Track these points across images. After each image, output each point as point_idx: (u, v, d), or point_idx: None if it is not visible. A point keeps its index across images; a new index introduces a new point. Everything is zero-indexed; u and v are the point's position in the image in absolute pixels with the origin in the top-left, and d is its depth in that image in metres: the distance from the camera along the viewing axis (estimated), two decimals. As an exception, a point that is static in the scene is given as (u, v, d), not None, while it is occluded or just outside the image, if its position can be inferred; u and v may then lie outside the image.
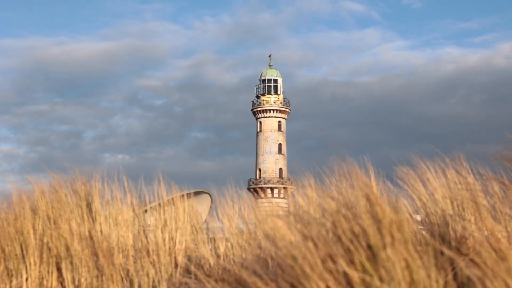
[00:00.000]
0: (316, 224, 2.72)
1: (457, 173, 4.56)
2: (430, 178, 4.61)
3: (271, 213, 3.63)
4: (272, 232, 2.86)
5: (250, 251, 4.56)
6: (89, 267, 5.08)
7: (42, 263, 5.24)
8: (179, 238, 5.22)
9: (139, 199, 5.77)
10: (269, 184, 73.04)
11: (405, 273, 2.62)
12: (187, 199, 5.70)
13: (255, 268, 3.06)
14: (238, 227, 5.17)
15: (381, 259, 2.57)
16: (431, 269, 2.79)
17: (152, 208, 5.69)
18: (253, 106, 76.42)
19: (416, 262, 2.66)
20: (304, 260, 2.53)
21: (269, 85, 76.46)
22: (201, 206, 24.67)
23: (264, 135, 74.86)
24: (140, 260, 5.02)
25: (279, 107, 75.42)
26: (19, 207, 5.75)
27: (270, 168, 73.91)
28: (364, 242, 2.58)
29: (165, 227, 5.29)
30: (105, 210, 5.69)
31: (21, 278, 5.20)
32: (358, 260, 2.58)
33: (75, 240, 5.26)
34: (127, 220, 5.49)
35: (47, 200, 5.85)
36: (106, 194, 5.78)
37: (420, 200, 4.61)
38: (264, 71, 77.57)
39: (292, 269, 2.61)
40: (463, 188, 4.47)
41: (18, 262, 5.27)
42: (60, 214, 5.68)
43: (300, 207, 3.44)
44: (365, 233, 2.58)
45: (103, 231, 5.47)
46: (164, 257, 5.04)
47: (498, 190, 4.23)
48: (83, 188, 5.90)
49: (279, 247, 2.77)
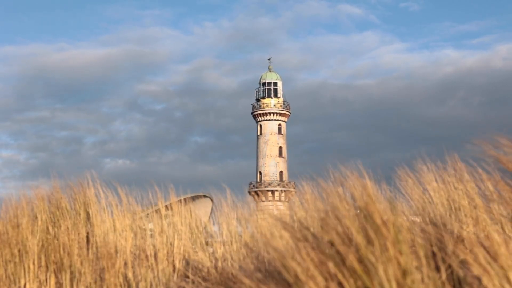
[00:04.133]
0: (305, 229, 2.75)
1: (454, 175, 4.59)
2: (428, 180, 4.63)
3: (269, 218, 3.65)
4: (265, 238, 2.88)
5: (247, 255, 4.58)
6: (87, 272, 5.10)
7: (41, 269, 5.26)
8: (177, 242, 5.23)
9: (138, 204, 5.79)
10: (269, 187, 73.00)
11: (398, 273, 2.64)
12: (186, 203, 5.72)
13: (252, 272, 3.08)
14: (236, 230, 5.19)
15: (368, 260, 2.59)
16: (425, 269, 2.81)
17: (151, 213, 5.71)
18: (253, 109, 76.42)
19: (410, 263, 2.68)
20: (296, 264, 2.55)
21: (269, 88, 76.46)
22: (202, 210, 24.68)
23: (264, 138, 74.86)
24: (138, 264, 5.03)
25: (279, 110, 75.41)
26: (19, 213, 5.77)
27: (271, 171, 73.89)
28: (353, 244, 2.60)
29: (163, 232, 5.30)
30: (104, 215, 5.71)
31: (19, 283, 5.22)
32: (349, 263, 2.60)
33: (74, 245, 5.28)
34: (125, 225, 5.51)
35: (47, 206, 5.88)
36: (105, 200, 5.81)
37: (418, 202, 4.63)
38: (264, 75, 77.59)
39: (286, 273, 2.63)
40: (460, 189, 4.49)
41: (17, 268, 5.29)
42: (59, 220, 5.70)
43: (295, 213, 3.46)
44: (351, 234, 2.60)
45: (102, 237, 5.49)
46: (162, 262, 5.06)
47: (494, 190, 4.25)
48: (82, 194, 5.92)
49: (272, 251, 2.80)
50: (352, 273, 2.58)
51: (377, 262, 2.54)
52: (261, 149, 74.97)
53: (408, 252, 2.82)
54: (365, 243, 2.58)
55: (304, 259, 2.56)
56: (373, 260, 2.54)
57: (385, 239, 2.66)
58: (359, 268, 2.55)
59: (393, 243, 2.66)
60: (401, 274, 2.62)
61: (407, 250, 2.81)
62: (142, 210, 5.77)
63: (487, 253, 2.84)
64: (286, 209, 48.61)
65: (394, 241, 2.66)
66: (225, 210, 5.25)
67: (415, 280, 2.67)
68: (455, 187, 4.50)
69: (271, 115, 75.31)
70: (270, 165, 74.11)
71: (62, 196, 5.92)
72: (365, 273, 2.54)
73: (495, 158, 3.88)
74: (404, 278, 2.64)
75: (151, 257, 5.09)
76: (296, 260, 2.55)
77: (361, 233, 2.59)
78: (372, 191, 5.27)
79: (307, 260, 2.55)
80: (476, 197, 4.39)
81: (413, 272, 2.69)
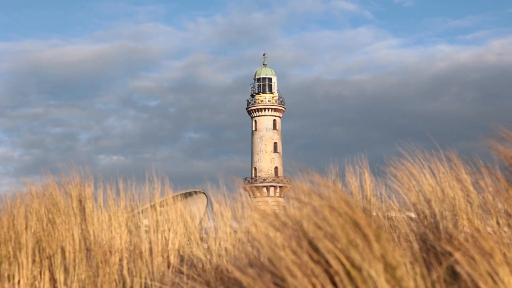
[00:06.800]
0: (291, 229, 2.76)
1: (449, 169, 4.59)
2: (422, 175, 4.63)
3: (263, 214, 3.65)
4: (257, 235, 2.89)
5: (242, 250, 4.59)
6: (82, 268, 5.10)
7: (35, 264, 5.26)
8: (172, 238, 5.24)
9: (133, 200, 5.79)
10: (264, 183, 73.07)
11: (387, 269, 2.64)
12: (181, 199, 5.72)
13: (246, 267, 3.08)
14: (231, 226, 5.19)
15: (355, 257, 2.59)
16: (416, 266, 2.81)
17: (146, 208, 5.71)
18: (248, 105, 76.43)
19: (396, 259, 2.69)
20: (283, 260, 2.56)
21: (263, 83, 76.47)
22: (197, 205, 24.73)
23: (259, 134, 74.88)
24: (133, 261, 5.03)
25: (274, 106, 75.44)
26: (13, 209, 5.76)
27: (266, 167, 73.94)
28: (338, 244, 2.61)
29: (158, 227, 5.31)
30: (99, 211, 5.71)
31: (13, 279, 5.22)
32: (338, 264, 2.60)
33: (69, 241, 5.27)
34: (120, 221, 5.51)
35: (41, 202, 5.87)
36: (100, 195, 5.81)
37: (412, 197, 4.63)
38: (259, 70, 77.58)
39: (276, 270, 2.64)
40: (455, 184, 4.49)
41: (11, 264, 5.28)
42: (53, 215, 5.69)
43: (287, 211, 3.46)
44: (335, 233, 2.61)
45: (97, 233, 5.49)
46: (157, 258, 5.06)
47: (490, 183, 4.25)
48: (77, 190, 5.92)
49: (263, 247, 2.81)
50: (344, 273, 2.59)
51: (364, 260, 2.55)
52: (256, 144, 75.00)
53: (392, 248, 2.82)
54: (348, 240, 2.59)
55: (291, 255, 2.57)
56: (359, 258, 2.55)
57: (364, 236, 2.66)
58: (347, 263, 2.56)
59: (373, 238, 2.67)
60: (390, 270, 2.63)
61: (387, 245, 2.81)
62: (137, 206, 5.76)
63: (480, 249, 2.85)
64: (277, 206, 48.48)
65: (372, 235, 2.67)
66: (220, 206, 5.24)
67: (405, 277, 2.68)
68: (450, 184, 4.51)
69: (266, 111, 75.33)
70: (265, 160, 74.17)
71: (56, 192, 5.92)
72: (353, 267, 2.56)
73: (501, 152, 3.85)
74: (393, 276, 2.64)
75: (146, 252, 5.09)
76: (286, 256, 2.56)
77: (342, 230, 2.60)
78: (371, 186, 5.28)
79: (295, 256, 2.56)
80: (472, 192, 4.40)
81: (402, 269, 2.70)
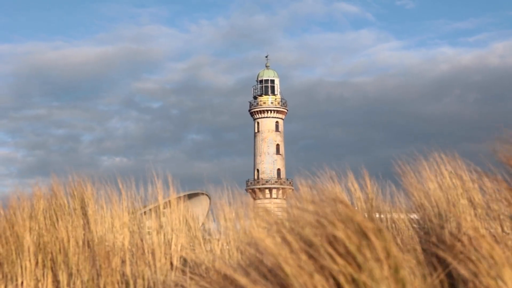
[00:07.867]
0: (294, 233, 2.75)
1: (452, 172, 4.58)
2: (425, 177, 4.62)
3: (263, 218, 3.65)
4: (256, 239, 2.88)
5: (245, 252, 4.58)
6: (85, 270, 5.10)
7: (38, 266, 5.26)
8: (175, 240, 5.23)
9: (135, 202, 5.79)
10: (267, 184, 73.01)
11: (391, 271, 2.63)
12: (184, 200, 5.71)
13: (248, 270, 3.08)
14: (234, 228, 5.18)
15: (359, 258, 2.59)
16: (418, 268, 2.81)
17: (149, 210, 5.71)
18: (250, 106, 76.41)
19: (398, 261, 2.68)
20: (285, 264, 2.55)
21: (266, 85, 76.44)
22: (200, 207, 24.64)
23: (261, 135, 74.84)
24: (136, 262, 5.03)
25: (276, 108, 75.41)
26: (16, 211, 5.76)
27: (268, 169, 73.88)
28: (342, 246, 2.61)
29: (161, 229, 5.30)
30: (102, 213, 5.71)
31: (16, 281, 5.21)
32: (343, 267, 2.60)
33: (72, 243, 5.27)
34: (123, 222, 5.51)
35: (44, 204, 5.87)
36: (103, 197, 5.80)
37: (415, 199, 4.62)
38: (261, 72, 77.57)
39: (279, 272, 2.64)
40: (458, 186, 4.49)
41: (14, 266, 5.28)
42: (57, 217, 5.69)
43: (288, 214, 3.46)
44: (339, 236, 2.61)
45: (100, 234, 5.48)
46: (160, 259, 5.05)
47: (492, 187, 4.24)
48: (80, 192, 5.92)
49: (262, 251, 2.81)
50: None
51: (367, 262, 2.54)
52: (258, 146, 74.96)
53: (396, 250, 2.81)
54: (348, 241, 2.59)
55: (293, 259, 2.56)
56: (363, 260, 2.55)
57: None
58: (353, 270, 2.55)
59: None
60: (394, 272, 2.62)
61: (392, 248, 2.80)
62: (140, 208, 5.76)
63: (483, 251, 2.84)
64: (277, 208, 48.70)
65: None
66: (223, 208, 5.24)
67: (409, 278, 2.67)
68: (454, 184, 4.50)
69: (268, 113, 75.30)
70: (267, 162, 74.12)
71: (60, 193, 5.92)
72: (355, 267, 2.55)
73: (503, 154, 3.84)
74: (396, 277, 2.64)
75: (149, 254, 5.09)
76: (286, 260, 2.55)
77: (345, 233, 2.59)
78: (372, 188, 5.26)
79: (295, 261, 2.56)
80: (475, 195, 4.39)
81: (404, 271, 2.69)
